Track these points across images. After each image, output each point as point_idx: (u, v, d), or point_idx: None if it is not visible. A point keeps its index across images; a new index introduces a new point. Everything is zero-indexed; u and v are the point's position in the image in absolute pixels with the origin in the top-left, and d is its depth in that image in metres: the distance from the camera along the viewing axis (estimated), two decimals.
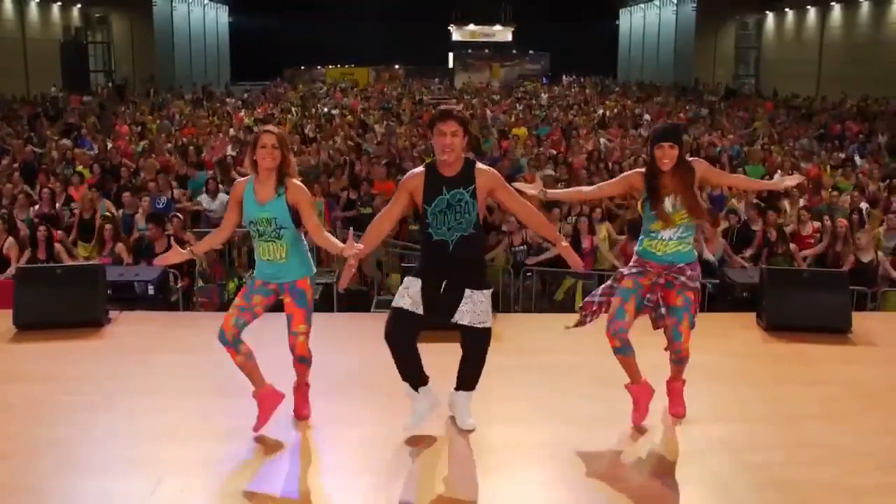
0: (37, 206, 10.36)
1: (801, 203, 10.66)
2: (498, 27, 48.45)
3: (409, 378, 4.48)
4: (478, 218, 4.37)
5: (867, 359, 5.93)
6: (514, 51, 49.23)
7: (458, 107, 5.09)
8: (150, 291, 7.30)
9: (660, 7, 42.30)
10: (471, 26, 48.56)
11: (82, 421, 4.79)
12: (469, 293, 4.35)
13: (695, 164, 4.55)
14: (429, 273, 4.38)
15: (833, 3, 30.58)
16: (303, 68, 46.42)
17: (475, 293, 4.36)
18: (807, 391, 5.27)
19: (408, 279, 4.43)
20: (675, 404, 4.83)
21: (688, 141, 17.41)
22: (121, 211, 10.35)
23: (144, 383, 5.36)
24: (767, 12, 36.31)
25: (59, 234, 9.07)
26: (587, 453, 4.42)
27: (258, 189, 4.43)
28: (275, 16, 45.69)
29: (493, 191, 4.40)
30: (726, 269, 8.23)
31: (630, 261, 4.73)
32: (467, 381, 4.56)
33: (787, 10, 34.56)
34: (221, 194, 11.11)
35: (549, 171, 12.91)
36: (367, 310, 8.29)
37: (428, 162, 4.50)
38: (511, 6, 46.96)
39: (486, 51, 49.42)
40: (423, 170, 4.43)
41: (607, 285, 4.71)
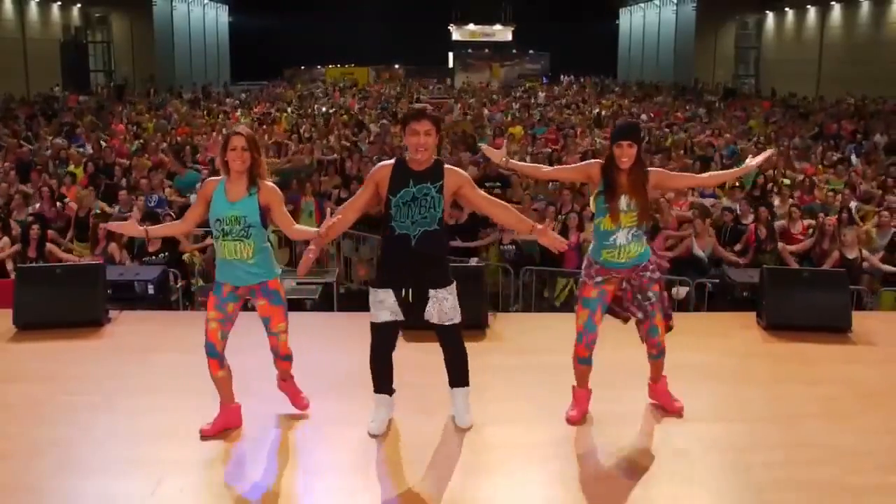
0: (37, 206, 10.35)
1: (790, 201, 10.71)
2: (498, 27, 48.50)
3: (383, 388, 4.55)
4: (442, 215, 4.34)
5: (867, 358, 5.92)
6: (514, 51, 49.28)
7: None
8: (150, 291, 7.29)
9: (660, 7, 42.33)
10: (471, 26, 48.61)
11: (82, 421, 4.79)
12: (433, 293, 4.34)
13: (650, 171, 4.60)
14: (392, 276, 4.36)
15: (833, 3, 30.60)
16: (303, 68, 46.47)
17: (439, 292, 4.35)
18: (807, 391, 5.27)
19: (377, 291, 4.40)
20: (669, 403, 4.84)
21: (683, 139, 17.46)
22: (116, 208, 10.35)
23: (144, 383, 5.36)
24: (767, 12, 36.33)
25: (52, 233, 9.08)
26: (587, 453, 4.43)
27: (229, 189, 4.42)
28: (275, 16, 45.73)
29: (461, 188, 4.37)
30: (726, 269, 8.23)
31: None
32: (457, 377, 4.57)
33: (787, 9, 34.58)
34: None
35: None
36: (367, 310, 8.26)
37: (399, 157, 4.46)
38: (511, 6, 47.00)
39: (486, 51, 49.47)
40: (392, 162, 4.41)
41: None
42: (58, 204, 10.44)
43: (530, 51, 49.10)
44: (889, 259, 8.89)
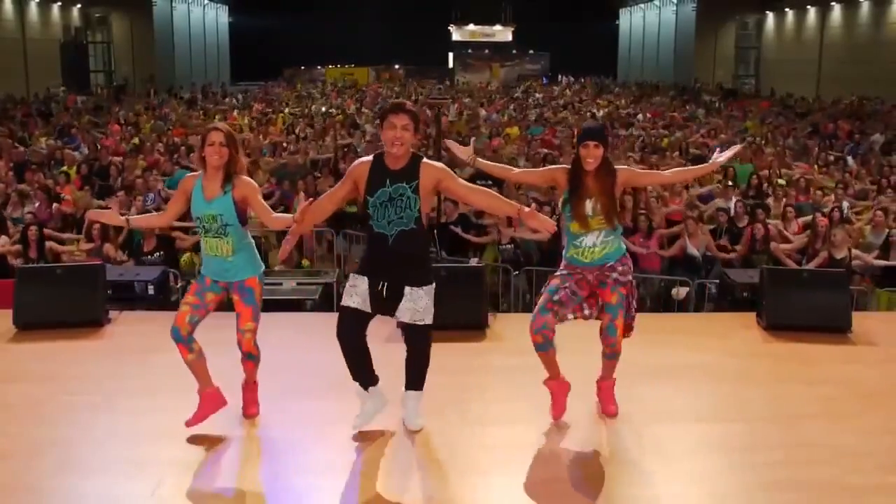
0: (36, 205, 10.37)
1: (784, 201, 10.72)
2: (498, 27, 48.46)
3: (360, 378, 4.46)
4: (420, 214, 4.29)
5: (867, 358, 5.93)
6: (514, 51, 49.29)
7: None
8: (150, 291, 7.30)
9: (660, 7, 42.33)
10: (471, 26, 48.57)
11: (82, 421, 4.79)
12: (409, 291, 4.30)
13: (618, 170, 4.57)
14: (372, 267, 4.35)
15: (833, 3, 30.60)
16: (303, 68, 46.44)
17: (415, 290, 4.31)
18: (807, 391, 5.27)
19: (354, 276, 4.38)
20: (607, 403, 4.79)
21: (679, 139, 17.45)
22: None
23: (144, 383, 5.36)
24: (767, 12, 36.33)
25: (48, 231, 9.11)
26: (586, 453, 4.43)
27: (206, 185, 4.44)
28: (275, 16, 45.72)
29: (440, 182, 4.32)
30: (726, 269, 8.24)
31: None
32: (413, 379, 4.51)
33: (787, 10, 34.58)
34: None
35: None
36: None
37: (377, 153, 4.41)
38: (511, 6, 46.97)
39: (486, 51, 49.47)
40: (370, 159, 4.38)
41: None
42: (53, 205, 10.46)
43: (530, 51, 49.11)
44: (883, 260, 8.88)
